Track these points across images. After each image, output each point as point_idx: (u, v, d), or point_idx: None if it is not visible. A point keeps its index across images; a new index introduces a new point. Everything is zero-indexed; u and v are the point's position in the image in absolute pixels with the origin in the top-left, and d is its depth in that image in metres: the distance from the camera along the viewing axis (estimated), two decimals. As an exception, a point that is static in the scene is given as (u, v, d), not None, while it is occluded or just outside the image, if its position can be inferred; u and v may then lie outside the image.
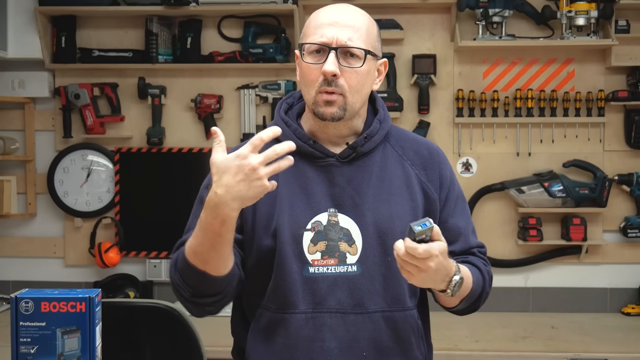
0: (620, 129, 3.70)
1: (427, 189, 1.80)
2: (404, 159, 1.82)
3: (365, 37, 1.71)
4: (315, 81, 1.69)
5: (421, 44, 3.75)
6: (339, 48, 1.68)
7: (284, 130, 1.75)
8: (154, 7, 3.64)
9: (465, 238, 1.84)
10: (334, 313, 1.69)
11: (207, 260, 1.61)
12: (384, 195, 1.75)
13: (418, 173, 1.81)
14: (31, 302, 1.52)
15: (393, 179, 1.78)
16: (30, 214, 3.86)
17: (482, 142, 3.72)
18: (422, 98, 3.70)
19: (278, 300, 1.71)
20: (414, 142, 1.86)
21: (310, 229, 1.71)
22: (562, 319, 3.56)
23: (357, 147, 1.76)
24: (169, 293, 3.74)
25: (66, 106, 3.76)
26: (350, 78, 1.69)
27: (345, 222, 1.73)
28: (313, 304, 1.70)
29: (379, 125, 1.80)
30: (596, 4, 3.52)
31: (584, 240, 3.61)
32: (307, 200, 1.72)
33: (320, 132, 1.78)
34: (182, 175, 3.77)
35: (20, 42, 3.70)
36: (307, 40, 1.72)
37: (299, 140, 1.74)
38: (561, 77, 3.70)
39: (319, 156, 1.75)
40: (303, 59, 1.73)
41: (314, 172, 1.74)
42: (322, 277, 1.70)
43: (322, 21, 1.71)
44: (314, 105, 1.71)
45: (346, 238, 1.72)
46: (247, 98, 3.76)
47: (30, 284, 3.40)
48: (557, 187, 3.61)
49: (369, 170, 1.76)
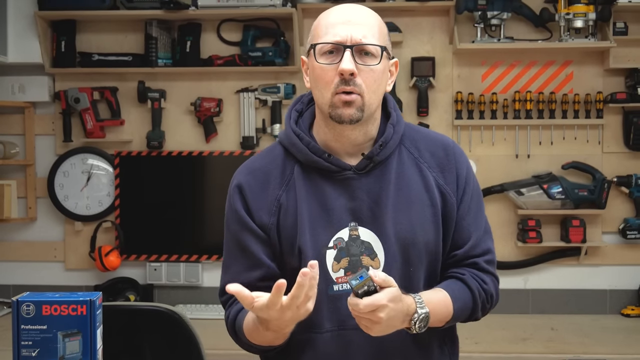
0: (619, 131, 3.70)
1: (446, 192, 1.73)
2: (420, 162, 1.74)
3: (379, 34, 1.65)
4: (330, 82, 1.62)
5: (420, 46, 3.76)
6: (355, 46, 1.61)
7: (296, 144, 1.71)
8: (154, 11, 3.64)
9: (472, 243, 1.75)
10: (359, 330, 1.60)
11: (272, 342, 1.64)
12: (403, 204, 1.69)
13: (436, 176, 1.73)
14: (32, 305, 1.52)
15: (411, 186, 1.71)
16: (31, 218, 3.87)
17: (481, 144, 3.72)
18: (421, 100, 3.71)
19: (303, 321, 1.62)
20: (429, 142, 1.78)
21: (333, 247, 1.67)
22: (562, 321, 3.56)
23: (374, 156, 1.69)
24: (169, 296, 3.77)
25: (66, 110, 3.77)
26: (367, 77, 1.62)
27: (366, 235, 1.68)
28: (338, 322, 1.67)
29: (393, 129, 1.72)
30: (594, 7, 3.53)
31: (583, 242, 3.62)
32: (327, 217, 1.67)
33: (335, 141, 1.70)
34: (182, 179, 3.77)
35: (20, 46, 3.71)
36: (319, 40, 1.65)
37: (313, 155, 1.69)
38: (560, 79, 3.71)
39: (336, 170, 1.69)
40: (316, 59, 1.64)
41: (332, 187, 1.69)
42: (346, 294, 1.61)
43: (334, 20, 1.65)
44: (331, 108, 1.64)
45: (368, 251, 1.67)
46: (247, 101, 3.77)
47: (30, 288, 3.38)
48: (556, 189, 3.62)
49: (386, 179, 1.70)
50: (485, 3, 3.57)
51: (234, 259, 1.73)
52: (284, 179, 1.72)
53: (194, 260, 3.77)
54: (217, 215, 3.70)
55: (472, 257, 1.76)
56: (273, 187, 1.72)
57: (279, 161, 1.74)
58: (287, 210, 1.69)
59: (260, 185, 1.72)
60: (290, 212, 1.69)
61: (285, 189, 1.71)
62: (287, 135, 1.74)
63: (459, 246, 1.75)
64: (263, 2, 3.59)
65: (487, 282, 1.76)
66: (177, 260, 3.77)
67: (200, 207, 3.77)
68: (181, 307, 3.60)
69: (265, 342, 1.65)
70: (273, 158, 1.75)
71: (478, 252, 1.76)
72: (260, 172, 1.74)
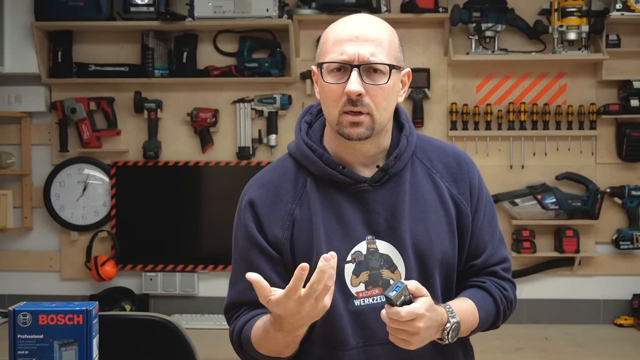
0: (612, 142, 3.73)
1: (460, 202, 1.71)
2: (433, 172, 1.72)
3: (388, 49, 1.61)
4: (337, 101, 1.59)
5: (415, 58, 3.78)
6: (362, 65, 1.57)
7: (309, 157, 1.68)
8: (150, 22, 3.66)
9: (490, 252, 1.75)
10: (385, 344, 1.58)
11: (282, 352, 1.60)
12: (419, 215, 1.67)
13: (449, 186, 1.71)
14: (29, 314, 1.53)
15: (425, 196, 1.69)
16: (27, 228, 3.88)
17: (476, 155, 3.74)
18: (416, 112, 3.73)
19: (326, 337, 1.65)
20: (441, 152, 1.75)
21: (351, 261, 1.64)
22: (556, 331, 3.57)
23: (389, 168, 1.66)
24: (165, 306, 3.77)
25: (62, 120, 3.78)
26: (376, 96, 1.58)
27: (384, 248, 1.65)
28: (363, 338, 1.63)
29: (407, 141, 1.69)
30: (587, 19, 3.56)
31: (577, 252, 3.64)
32: (343, 230, 1.64)
33: (347, 154, 1.68)
34: (179, 189, 3.78)
35: (16, 57, 3.72)
36: (326, 58, 1.60)
37: (327, 168, 1.66)
38: (553, 90, 3.74)
39: (351, 183, 1.66)
40: (323, 78, 1.61)
41: (347, 200, 1.65)
42: (369, 308, 1.62)
43: (341, 37, 1.60)
44: (338, 127, 1.61)
45: (387, 264, 1.64)
46: (243, 112, 3.78)
47: (26, 298, 3.38)
48: (549, 199, 3.64)
49: (401, 190, 1.67)
50: (480, 15, 3.60)
51: (241, 275, 1.62)
52: (296, 193, 1.69)
53: (189, 270, 3.78)
54: (214, 225, 3.75)
55: (490, 265, 1.75)
56: (286, 201, 1.68)
57: (291, 174, 1.71)
58: (302, 225, 1.66)
59: (272, 199, 1.69)
60: (305, 226, 1.66)
61: (299, 202, 1.68)
62: (299, 147, 1.71)
63: (477, 256, 1.74)
64: (259, 14, 3.61)
65: (507, 289, 1.76)
66: (172, 270, 3.78)
67: (196, 217, 3.78)
68: (177, 317, 3.60)
69: (275, 351, 1.60)
70: (284, 171, 1.72)
71: (496, 260, 1.76)
72: (271, 186, 1.70)
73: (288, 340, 1.55)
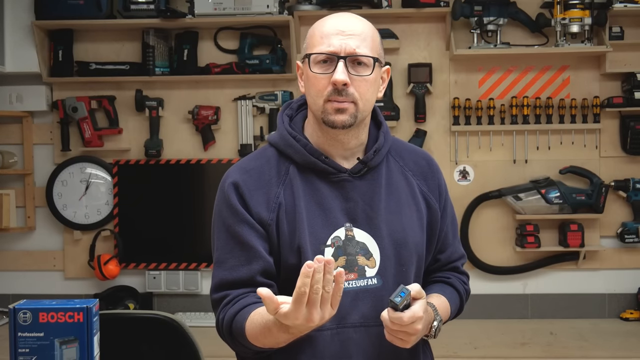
0: (616, 135, 3.71)
1: (429, 199, 1.83)
2: (405, 170, 1.83)
3: (372, 44, 1.71)
4: (323, 90, 1.68)
5: (417, 53, 3.77)
6: (348, 57, 1.67)
7: (293, 145, 1.76)
8: (151, 19, 3.66)
9: (452, 248, 1.90)
10: (358, 327, 1.70)
11: (279, 344, 1.62)
12: (394, 208, 1.77)
13: (419, 183, 1.83)
14: (29, 312, 1.52)
15: (400, 191, 1.79)
16: (30, 228, 3.87)
17: (479, 149, 3.73)
18: (419, 107, 3.72)
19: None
20: (412, 153, 1.88)
21: (331, 245, 1.71)
22: (561, 325, 3.56)
23: (368, 161, 1.76)
24: (169, 304, 3.77)
25: (64, 119, 3.78)
26: (360, 86, 1.68)
27: (360, 236, 1.73)
28: (337, 319, 1.67)
29: (384, 137, 1.80)
30: (590, 11, 3.54)
31: (582, 247, 3.62)
32: (324, 216, 1.72)
33: (328, 145, 1.76)
34: (181, 187, 3.78)
35: (17, 56, 3.72)
36: (314, 50, 1.70)
37: (310, 156, 1.74)
38: (556, 84, 3.72)
39: (332, 172, 1.74)
40: (310, 69, 1.70)
41: (328, 188, 1.74)
42: (345, 292, 1.63)
43: (328, 30, 1.70)
44: (324, 114, 1.69)
45: (363, 252, 1.72)
46: (244, 109, 3.77)
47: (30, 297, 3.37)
48: (553, 193, 3.63)
49: (378, 183, 1.77)
50: (482, 9, 3.58)
51: (230, 253, 1.71)
52: (280, 178, 1.75)
53: (193, 268, 3.77)
54: (216, 223, 3.73)
55: (453, 261, 1.91)
56: (271, 185, 1.74)
57: (273, 162, 1.77)
58: (287, 209, 1.72)
59: (256, 183, 1.74)
60: (289, 210, 1.72)
61: (283, 187, 1.74)
62: (283, 136, 1.78)
63: (442, 251, 1.88)
64: (260, 10, 3.60)
65: (466, 283, 1.94)
66: (176, 268, 3.77)
67: (199, 215, 3.77)
68: (180, 315, 3.60)
69: (273, 344, 1.63)
70: (266, 159, 1.78)
71: (457, 256, 1.92)
72: (255, 172, 1.76)
73: (292, 338, 1.58)
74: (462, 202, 3.69)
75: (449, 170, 3.71)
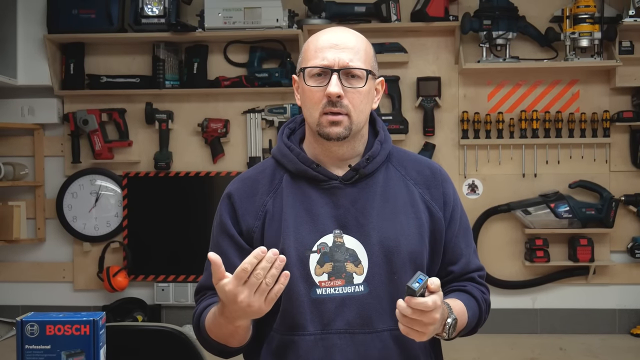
0: (626, 150, 3.70)
1: (432, 207, 1.81)
2: (407, 179, 1.83)
3: (365, 57, 1.74)
4: (318, 103, 1.72)
5: (426, 66, 3.78)
6: (342, 70, 1.71)
7: (287, 155, 1.80)
8: (161, 33, 3.68)
9: (466, 259, 1.85)
10: (342, 334, 1.70)
11: (228, 341, 1.70)
12: (389, 214, 1.76)
13: (422, 192, 1.82)
14: (36, 325, 1.54)
15: (397, 198, 1.79)
16: (40, 239, 3.89)
17: (488, 163, 3.73)
18: (427, 120, 3.72)
19: (287, 323, 1.73)
20: (416, 162, 1.88)
21: (317, 251, 1.72)
22: (571, 341, 3.54)
23: (360, 169, 1.77)
24: (177, 316, 3.77)
25: (75, 132, 3.80)
26: (354, 98, 1.72)
27: (350, 243, 1.74)
28: (322, 325, 1.71)
29: (380, 146, 1.82)
30: (600, 26, 3.54)
31: (591, 261, 3.61)
32: (312, 222, 1.74)
33: (323, 155, 1.79)
34: (190, 199, 3.79)
35: (29, 69, 3.75)
36: (308, 63, 1.74)
37: (302, 164, 1.78)
38: (566, 98, 3.72)
39: (323, 179, 1.77)
40: (305, 82, 1.74)
41: (318, 195, 1.76)
42: (330, 298, 1.71)
43: (322, 44, 1.74)
44: (318, 127, 1.73)
45: (352, 258, 1.73)
46: (253, 122, 3.79)
47: (39, 309, 3.39)
48: (563, 208, 3.61)
49: (373, 191, 1.78)
50: (491, 23, 3.58)
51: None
52: (272, 187, 1.80)
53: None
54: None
55: (468, 272, 1.86)
56: (261, 194, 1.80)
57: (269, 171, 1.83)
58: (273, 216, 1.77)
59: (248, 192, 1.81)
60: (276, 217, 1.76)
61: (273, 195, 1.79)
62: (279, 147, 1.84)
63: (454, 262, 1.84)
64: (269, 24, 3.62)
65: (485, 293, 1.88)
66: (184, 280, 3.78)
67: (207, 227, 3.74)
68: (188, 327, 3.59)
69: (221, 338, 1.69)
70: (263, 169, 1.85)
71: (473, 268, 1.87)
72: (249, 180, 1.83)
73: (230, 328, 1.64)
74: (471, 215, 3.66)
75: (457, 184, 3.71)
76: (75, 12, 3.69)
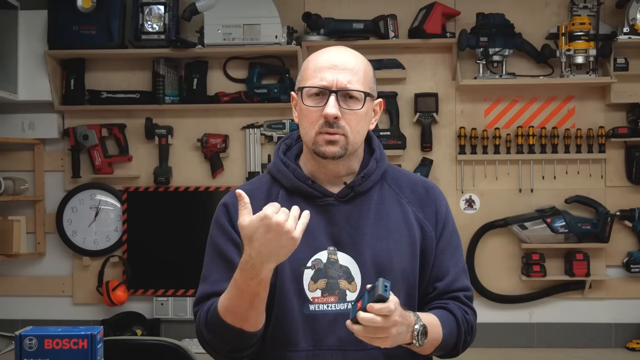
0: (621, 165, 3.73)
1: (425, 225, 1.81)
2: (401, 197, 1.83)
3: (363, 79, 1.74)
4: (315, 123, 1.72)
5: (423, 82, 3.81)
6: (340, 91, 1.71)
7: (282, 171, 1.81)
8: (161, 49, 3.72)
9: (452, 277, 1.82)
10: (334, 350, 1.70)
11: (245, 318, 1.64)
12: (382, 232, 1.77)
13: (415, 210, 1.82)
14: (35, 339, 1.55)
15: (391, 216, 1.79)
16: (40, 254, 3.91)
17: (485, 178, 3.75)
18: (425, 136, 3.75)
19: (279, 338, 1.72)
20: (411, 181, 1.88)
21: (311, 267, 1.73)
22: (567, 355, 3.55)
23: (355, 186, 1.78)
24: (176, 330, 3.78)
25: (75, 147, 3.83)
26: (351, 119, 1.72)
27: (344, 260, 1.74)
28: (314, 341, 1.71)
29: (376, 164, 1.82)
30: (595, 43, 3.58)
31: (587, 276, 3.63)
32: (306, 238, 1.68)
33: (319, 172, 1.80)
34: (189, 214, 3.81)
35: (30, 84, 3.78)
36: (307, 83, 1.75)
37: (297, 181, 1.79)
38: (562, 114, 3.75)
39: (318, 196, 1.78)
40: (303, 101, 1.75)
41: (313, 212, 1.72)
42: (323, 314, 1.71)
43: (321, 65, 1.74)
44: (314, 145, 1.74)
45: (345, 275, 1.73)
46: (253, 137, 3.82)
47: (39, 323, 3.41)
48: (559, 222, 3.64)
49: (366, 208, 1.78)
50: (487, 40, 3.62)
51: (215, 269, 1.78)
52: (268, 202, 1.74)
53: (200, 294, 3.78)
54: (223, 250, 3.75)
55: (453, 290, 1.82)
56: (256, 208, 1.74)
57: (265, 187, 1.84)
58: None
59: None
60: None
61: None
62: (275, 163, 1.85)
63: (439, 278, 1.82)
64: (268, 40, 3.65)
65: (468, 313, 1.82)
66: (183, 294, 3.79)
67: (206, 242, 3.78)
68: (187, 341, 3.61)
69: (238, 314, 1.62)
70: (260, 184, 1.85)
71: (458, 286, 1.83)
72: (246, 194, 1.79)
73: (250, 293, 1.59)
74: (467, 230, 3.70)
75: (454, 199, 3.74)
76: (76, 28, 3.72)
